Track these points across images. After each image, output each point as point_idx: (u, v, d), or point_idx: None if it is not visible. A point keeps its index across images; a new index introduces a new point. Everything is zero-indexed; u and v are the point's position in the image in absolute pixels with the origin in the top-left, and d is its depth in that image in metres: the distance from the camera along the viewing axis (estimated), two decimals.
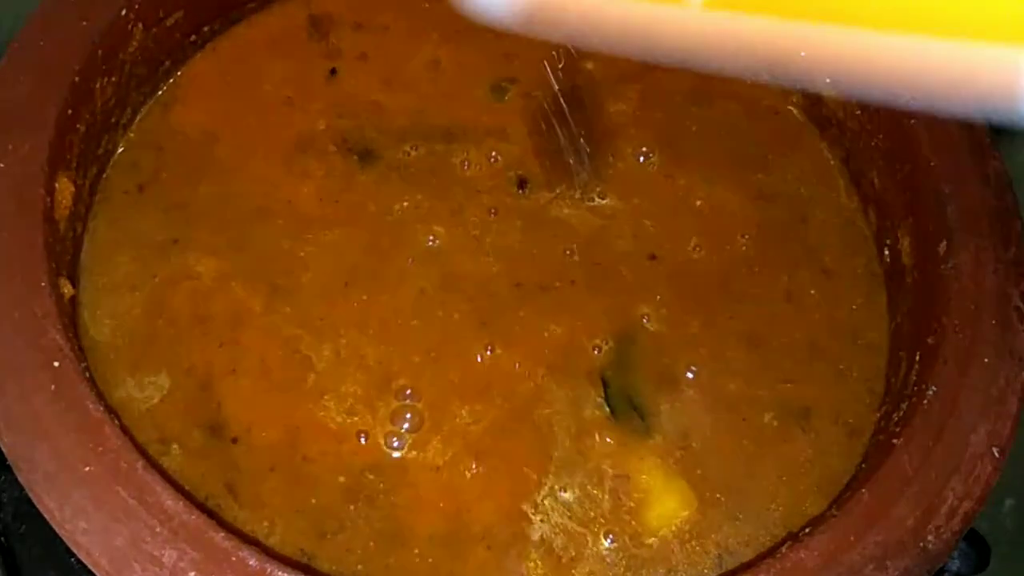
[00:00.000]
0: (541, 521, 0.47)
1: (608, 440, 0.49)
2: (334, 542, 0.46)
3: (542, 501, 0.48)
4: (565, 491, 0.48)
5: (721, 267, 0.54)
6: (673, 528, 0.47)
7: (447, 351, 0.51)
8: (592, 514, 0.48)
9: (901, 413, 0.47)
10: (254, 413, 0.49)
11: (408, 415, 0.49)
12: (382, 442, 0.48)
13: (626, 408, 0.50)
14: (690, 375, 0.51)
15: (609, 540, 0.47)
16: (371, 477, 0.48)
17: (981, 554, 0.51)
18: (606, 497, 0.48)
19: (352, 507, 0.47)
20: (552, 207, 0.55)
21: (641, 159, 0.57)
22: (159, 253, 0.52)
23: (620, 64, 0.60)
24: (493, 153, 0.57)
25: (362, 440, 0.48)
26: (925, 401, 0.46)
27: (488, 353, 0.51)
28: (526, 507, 0.47)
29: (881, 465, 0.44)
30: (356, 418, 0.49)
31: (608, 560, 0.47)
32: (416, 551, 0.46)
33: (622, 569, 0.47)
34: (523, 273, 0.53)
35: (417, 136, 0.57)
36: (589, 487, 0.48)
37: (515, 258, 0.54)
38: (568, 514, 0.48)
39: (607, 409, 0.50)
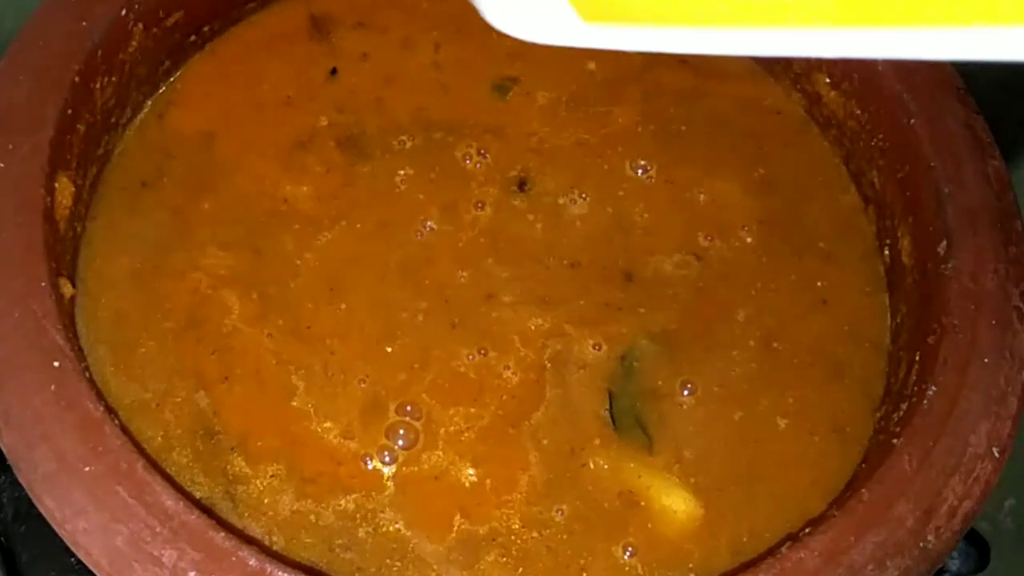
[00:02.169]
0: (549, 528, 0.47)
1: (609, 450, 0.49)
2: (343, 559, 0.46)
3: (549, 509, 0.48)
4: (567, 503, 0.48)
5: (721, 273, 0.54)
6: (679, 537, 0.47)
7: (436, 358, 0.51)
8: (598, 523, 0.47)
9: (901, 413, 0.47)
10: (249, 425, 0.48)
11: (402, 430, 0.49)
12: (378, 460, 0.48)
13: (630, 421, 0.50)
14: (691, 385, 0.51)
15: (626, 552, 0.47)
16: (372, 500, 0.47)
17: (981, 554, 0.51)
18: (609, 506, 0.48)
19: (360, 531, 0.47)
20: (549, 210, 0.55)
21: (640, 172, 0.57)
22: (158, 253, 0.52)
23: (621, 64, 0.60)
24: (494, 152, 0.57)
25: (360, 461, 0.48)
26: (925, 401, 0.46)
27: (480, 357, 0.51)
28: (533, 514, 0.48)
29: (881, 465, 0.44)
30: (353, 441, 0.48)
31: (618, 569, 0.47)
32: (435, 568, 0.46)
33: None
34: (520, 276, 0.53)
35: (418, 135, 0.57)
36: (592, 496, 0.48)
37: (513, 260, 0.54)
38: (575, 523, 0.47)
39: (610, 420, 0.50)
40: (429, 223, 0.54)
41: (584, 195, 0.56)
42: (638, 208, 0.56)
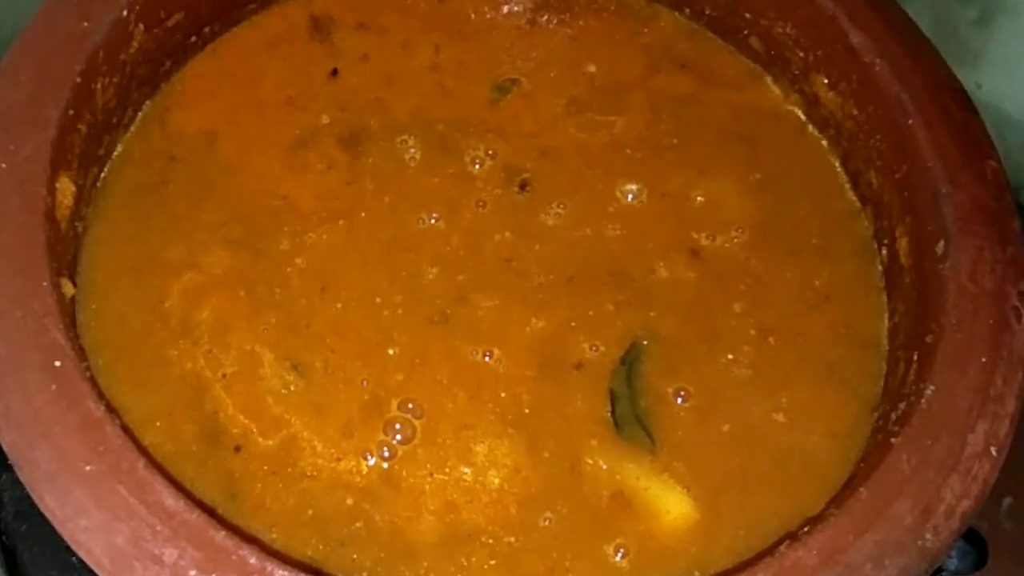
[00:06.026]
0: (542, 527, 0.47)
1: (609, 451, 0.49)
2: (341, 553, 0.46)
3: (543, 509, 0.48)
4: (562, 503, 0.48)
5: (718, 275, 0.54)
6: (678, 539, 0.47)
7: (436, 357, 0.51)
8: (594, 524, 0.47)
9: (899, 412, 0.47)
10: (249, 423, 0.48)
11: (398, 425, 0.49)
12: (376, 455, 0.48)
13: (632, 422, 0.50)
14: (691, 385, 0.51)
15: (617, 553, 0.47)
16: (369, 496, 0.47)
17: (979, 552, 0.51)
18: (605, 507, 0.48)
19: (357, 525, 0.47)
20: (550, 211, 0.55)
21: (639, 173, 0.57)
22: (159, 252, 0.52)
23: (621, 67, 0.61)
24: (494, 152, 0.57)
25: (357, 455, 0.48)
26: (923, 401, 0.46)
27: (480, 357, 0.51)
28: (526, 513, 0.48)
29: (879, 464, 0.45)
30: (352, 437, 0.48)
31: (612, 572, 0.47)
32: (425, 564, 0.46)
33: None
34: (521, 276, 0.53)
35: (419, 135, 0.57)
36: (588, 497, 0.48)
37: (513, 261, 0.54)
38: (570, 523, 0.47)
39: (611, 421, 0.50)
40: (431, 220, 0.54)
41: (583, 197, 0.56)
42: (637, 210, 0.56)
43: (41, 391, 0.42)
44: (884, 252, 0.55)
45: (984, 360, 0.46)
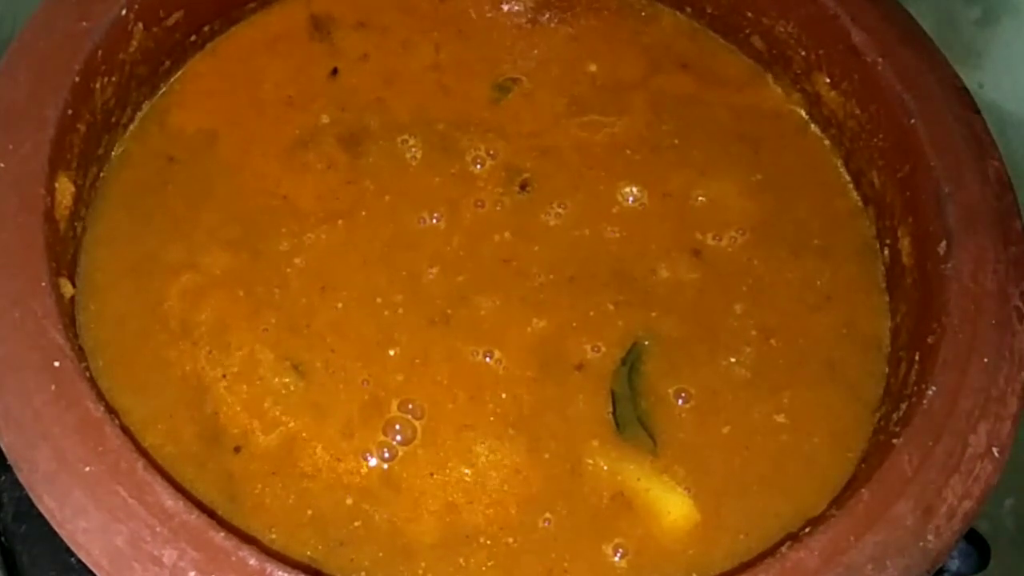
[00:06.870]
0: (542, 528, 0.47)
1: (610, 452, 0.49)
2: (339, 553, 0.46)
3: (543, 509, 0.48)
4: (562, 504, 0.48)
5: (720, 276, 0.54)
6: (678, 540, 0.47)
7: (436, 357, 0.50)
8: (594, 525, 0.47)
9: (901, 413, 0.47)
10: (249, 423, 0.48)
11: (398, 426, 0.49)
12: (376, 456, 0.48)
13: (633, 423, 0.50)
14: (692, 386, 0.51)
15: (616, 554, 0.47)
16: (369, 496, 0.47)
17: (981, 553, 0.51)
18: (606, 508, 0.48)
19: (355, 524, 0.47)
20: (550, 211, 0.55)
21: (640, 174, 0.57)
22: (159, 253, 0.52)
23: (622, 67, 0.60)
24: (495, 152, 0.57)
25: (357, 456, 0.48)
26: (925, 401, 0.46)
27: (481, 358, 0.51)
28: (526, 513, 0.47)
29: (881, 465, 0.44)
30: (351, 438, 0.48)
31: (611, 573, 0.46)
32: (423, 564, 0.46)
33: None
34: (521, 277, 0.53)
35: (419, 134, 0.57)
36: (588, 498, 0.48)
37: (513, 261, 0.53)
38: (569, 524, 0.47)
39: (612, 421, 0.50)
40: (431, 220, 0.54)
41: (584, 197, 0.56)
42: (637, 210, 0.56)
43: (40, 392, 0.42)
44: (886, 252, 0.55)
45: (986, 360, 0.46)
